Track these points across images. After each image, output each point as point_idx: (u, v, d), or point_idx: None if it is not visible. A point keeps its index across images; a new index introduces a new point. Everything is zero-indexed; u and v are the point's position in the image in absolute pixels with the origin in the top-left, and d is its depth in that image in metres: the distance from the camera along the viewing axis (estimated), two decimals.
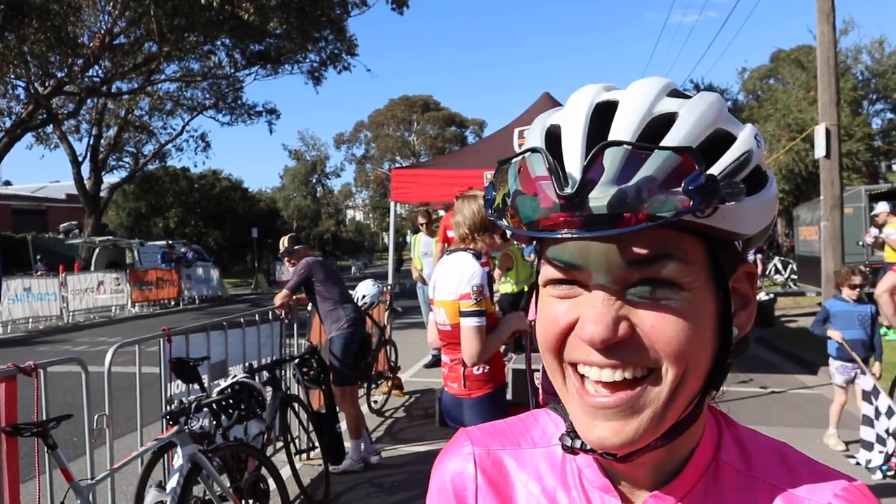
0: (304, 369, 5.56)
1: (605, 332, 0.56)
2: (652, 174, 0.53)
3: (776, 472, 0.66)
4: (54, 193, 41.39)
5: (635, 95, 0.59)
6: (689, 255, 0.58)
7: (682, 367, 0.58)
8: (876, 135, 25.28)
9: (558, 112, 0.62)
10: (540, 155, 0.58)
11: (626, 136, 0.56)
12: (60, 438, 3.26)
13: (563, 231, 0.56)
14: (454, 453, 0.76)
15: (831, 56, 10.54)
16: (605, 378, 0.58)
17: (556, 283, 0.61)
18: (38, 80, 19.95)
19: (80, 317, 18.28)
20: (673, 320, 0.57)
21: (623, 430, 0.58)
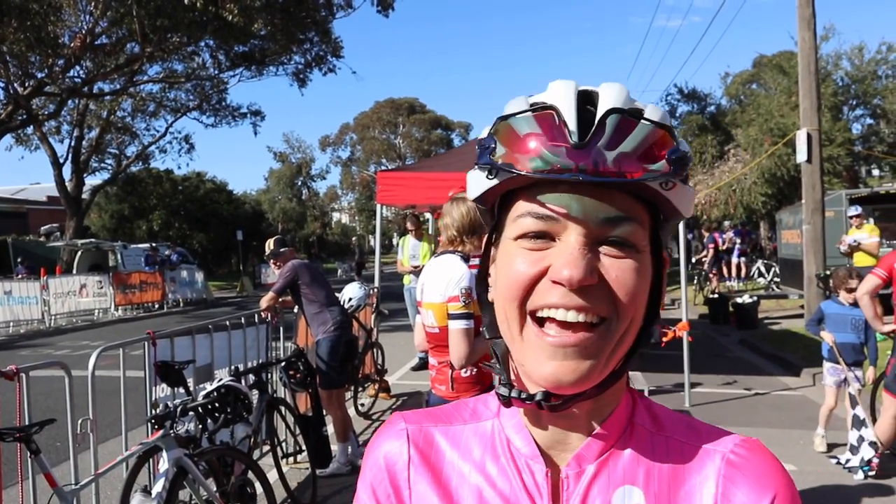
0: (291, 372, 5.53)
1: (581, 272, 0.64)
2: (640, 141, 0.64)
3: (684, 431, 0.75)
4: (35, 195, 40.89)
5: (613, 88, 0.68)
6: (644, 223, 0.68)
7: (629, 319, 0.67)
8: (856, 140, 25.54)
9: (538, 94, 0.70)
10: (535, 119, 0.66)
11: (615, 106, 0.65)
12: (44, 443, 3.22)
13: (569, 175, 0.63)
14: (388, 431, 0.81)
15: (812, 62, 10.67)
16: (571, 318, 0.65)
17: (531, 237, 0.68)
18: (18, 80, 19.72)
19: (63, 320, 18.07)
20: (632, 274, 0.66)
21: (578, 368, 0.65)
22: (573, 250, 0.65)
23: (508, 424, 0.76)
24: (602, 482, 0.71)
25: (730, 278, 20.41)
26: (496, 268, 0.73)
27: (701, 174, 24.57)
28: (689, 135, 28.05)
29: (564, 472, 0.72)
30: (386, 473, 0.78)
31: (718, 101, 30.10)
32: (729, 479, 0.70)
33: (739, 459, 0.71)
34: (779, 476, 0.70)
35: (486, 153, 0.69)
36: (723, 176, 22.61)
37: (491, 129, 0.70)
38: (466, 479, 0.75)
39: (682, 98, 28.99)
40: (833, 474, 5.23)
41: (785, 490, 0.70)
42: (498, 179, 0.68)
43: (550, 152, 0.64)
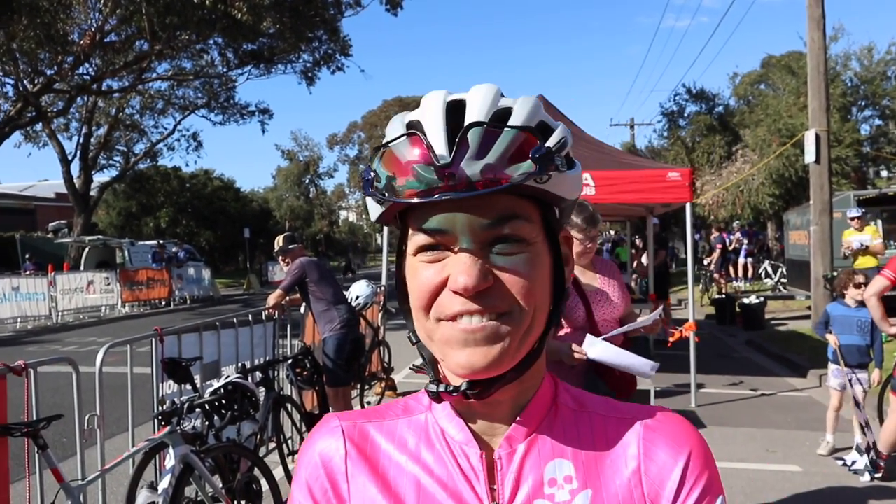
0: (298, 370, 5.56)
1: (475, 280, 0.68)
2: (505, 148, 0.68)
3: (604, 407, 0.81)
4: (43, 192, 41.09)
5: (479, 93, 0.72)
6: (531, 215, 0.72)
7: (532, 307, 0.71)
8: (864, 141, 25.37)
9: (412, 112, 0.74)
10: (409, 141, 0.70)
11: (477, 119, 0.69)
12: (51, 439, 3.24)
13: (440, 195, 0.67)
14: (322, 429, 0.83)
15: (821, 62, 10.62)
16: (475, 322, 0.69)
17: (425, 249, 0.72)
18: (28, 77, 19.81)
19: (70, 317, 18.16)
20: (524, 269, 0.71)
21: (490, 353, 0.69)
22: (465, 259, 0.69)
23: (441, 415, 0.79)
24: (533, 459, 0.76)
25: (737, 279, 20.34)
26: (408, 278, 0.77)
27: (709, 174, 24.49)
28: (697, 135, 27.94)
29: (497, 454, 0.77)
30: (322, 470, 0.79)
31: (727, 102, 29.91)
32: (649, 440, 0.77)
33: (655, 423, 0.79)
34: (692, 435, 0.78)
35: (367, 185, 0.74)
36: (730, 176, 22.53)
37: (371, 160, 0.75)
38: (404, 468, 0.78)
39: (690, 98, 28.85)
40: (839, 476, 5.21)
41: (699, 447, 0.77)
42: (385, 206, 0.74)
43: (424, 173, 0.68)
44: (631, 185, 7.13)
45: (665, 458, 0.76)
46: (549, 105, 8.41)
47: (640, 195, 7.34)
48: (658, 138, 32.96)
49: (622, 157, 8.85)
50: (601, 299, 3.41)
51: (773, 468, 5.39)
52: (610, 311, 3.44)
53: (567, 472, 0.75)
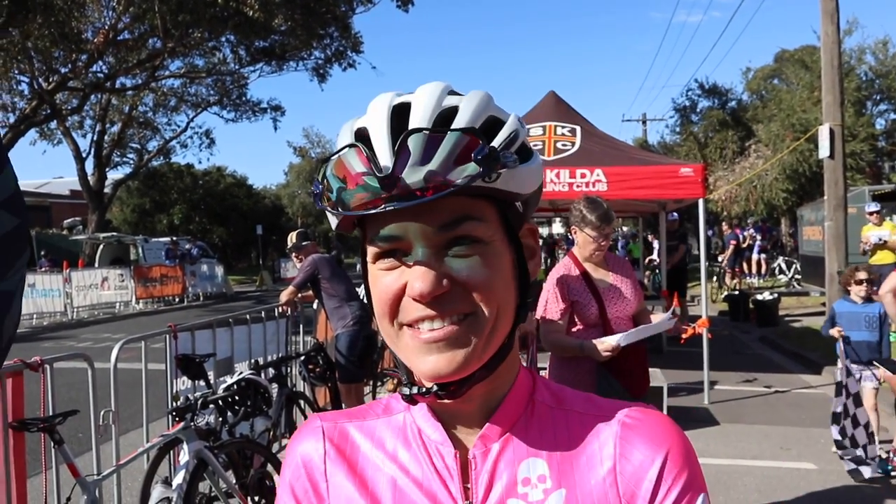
0: (310, 366, 5.58)
1: (430, 285, 0.67)
2: (448, 152, 0.66)
3: (582, 404, 0.80)
4: (58, 189, 41.40)
5: (424, 94, 0.71)
6: (485, 215, 0.71)
7: (494, 306, 0.70)
8: (880, 135, 25.12)
9: (362, 117, 0.74)
10: (355, 151, 0.69)
11: (423, 125, 0.68)
12: (67, 434, 3.27)
13: (385, 206, 0.67)
14: (305, 430, 0.84)
15: (835, 56, 10.51)
16: (436, 326, 0.69)
17: (382, 256, 0.71)
18: (42, 75, 19.96)
19: (84, 313, 18.31)
20: (481, 269, 0.70)
21: (454, 359, 0.69)
22: (420, 266, 0.68)
23: (418, 415, 0.79)
24: (507, 457, 0.76)
25: (750, 275, 20.21)
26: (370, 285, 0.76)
27: (721, 170, 24.33)
28: (709, 130, 27.77)
29: (472, 453, 0.76)
30: (303, 469, 0.81)
31: (739, 97, 29.74)
32: (625, 439, 0.75)
33: (633, 422, 0.77)
34: (672, 433, 0.76)
35: (317, 199, 0.73)
36: (744, 172, 22.37)
37: (318, 172, 0.73)
38: (381, 468, 0.78)
39: (702, 93, 28.70)
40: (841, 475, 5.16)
41: (678, 445, 0.75)
42: (338, 218, 0.73)
43: (370, 182, 0.67)
44: (643, 181, 7.10)
45: (641, 456, 0.74)
46: (560, 101, 8.36)
47: (652, 191, 7.30)
48: (670, 134, 32.87)
49: (634, 153, 8.81)
50: (614, 296, 3.40)
51: (788, 466, 5.36)
52: (622, 308, 3.43)
53: (541, 471, 0.75)
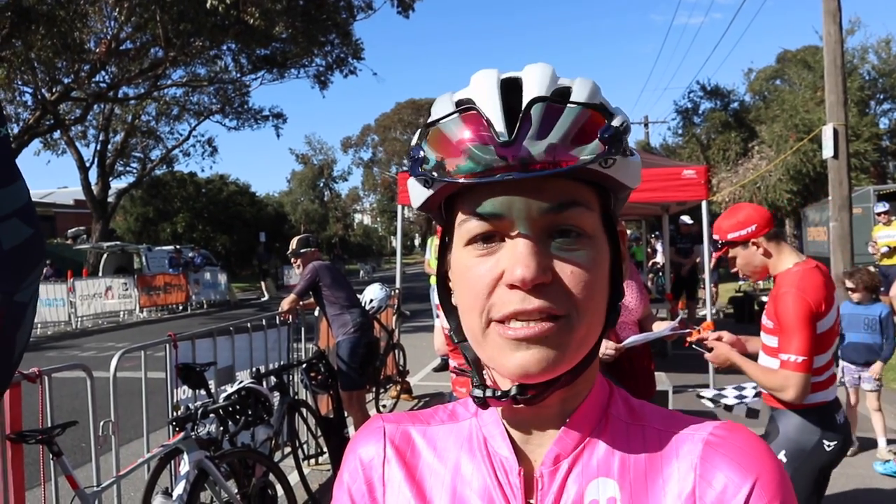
0: (312, 374, 5.55)
1: (533, 272, 0.62)
2: (569, 126, 0.63)
3: (661, 420, 0.74)
4: (62, 199, 41.53)
5: (536, 69, 0.67)
6: (591, 203, 0.67)
7: (591, 309, 0.66)
8: (884, 135, 25.05)
9: (461, 91, 0.69)
10: (460, 118, 0.65)
11: (538, 95, 0.64)
12: (68, 445, 3.25)
13: (502, 175, 0.62)
14: (366, 430, 0.82)
15: (838, 56, 10.47)
16: (530, 326, 0.64)
17: (478, 240, 0.66)
18: (46, 86, 20.03)
19: (89, 322, 18.32)
20: (587, 267, 0.65)
21: (545, 358, 0.64)
22: (522, 249, 0.64)
23: (486, 423, 0.76)
24: (576, 476, 0.71)
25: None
26: (453, 274, 0.72)
27: (725, 172, 24.29)
28: (712, 132, 27.71)
29: (539, 471, 0.71)
30: (361, 471, 0.78)
31: (742, 98, 29.68)
32: (707, 460, 0.68)
33: (718, 440, 0.69)
34: (763, 456, 0.67)
35: (416, 165, 0.68)
36: (747, 173, 22.32)
37: (419, 139, 0.69)
38: (441, 477, 0.75)
39: (704, 95, 28.64)
40: (863, 477, 5.12)
41: (770, 470, 0.66)
42: (434, 189, 0.68)
43: (481, 153, 0.63)
44: (646, 183, 7.06)
45: (725, 480, 0.66)
46: None
47: (655, 193, 7.27)
48: (673, 136, 32.76)
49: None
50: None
51: None
52: (628, 312, 3.39)
53: (611, 493, 0.69)
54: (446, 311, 0.77)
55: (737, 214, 2.89)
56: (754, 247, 2.81)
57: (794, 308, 2.61)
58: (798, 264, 2.78)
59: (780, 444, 2.73)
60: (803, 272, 2.73)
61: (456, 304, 0.74)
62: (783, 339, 2.63)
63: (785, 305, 2.64)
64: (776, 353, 2.67)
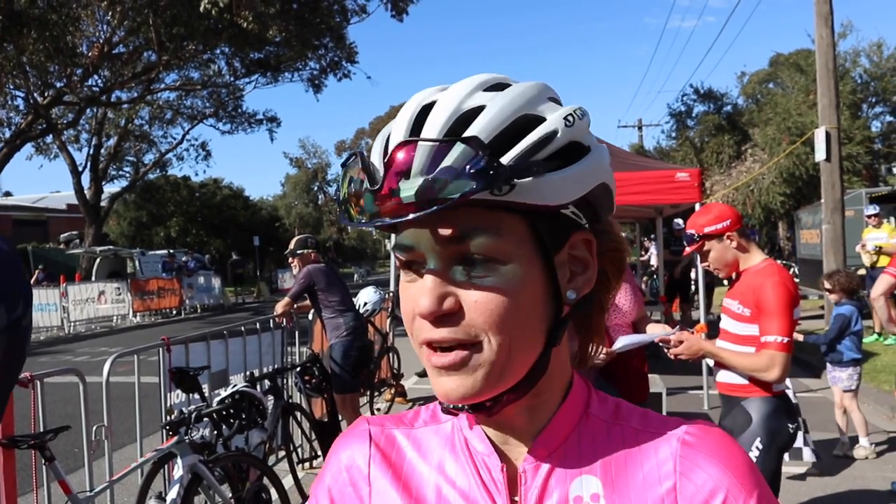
0: (306, 377, 5.54)
1: (431, 305, 0.64)
2: (451, 163, 0.61)
3: (639, 419, 0.75)
4: (55, 204, 41.39)
5: (450, 94, 0.67)
6: (503, 228, 0.65)
7: (506, 336, 0.65)
8: (876, 138, 25.20)
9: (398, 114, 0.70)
10: (355, 161, 0.67)
11: (434, 132, 0.64)
12: (61, 450, 3.24)
13: (377, 220, 0.64)
14: (351, 431, 0.83)
15: (830, 59, 10.53)
16: (442, 353, 0.66)
17: (405, 267, 0.68)
18: (38, 90, 19.97)
19: (82, 327, 18.25)
20: (493, 296, 0.64)
21: (463, 385, 0.65)
22: (426, 282, 0.65)
23: (465, 425, 0.77)
24: (559, 473, 0.72)
25: None
26: None
27: (718, 174, 24.37)
28: (705, 135, 27.82)
29: (522, 467, 0.73)
30: (346, 472, 0.79)
31: (735, 101, 29.77)
32: (687, 458, 0.71)
33: (695, 440, 0.72)
34: (737, 453, 0.72)
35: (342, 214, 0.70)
36: (740, 176, 22.40)
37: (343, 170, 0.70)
38: (426, 477, 0.76)
39: (698, 98, 28.73)
40: (855, 478, 5.14)
41: (743, 466, 0.71)
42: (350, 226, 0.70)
43: (367, 200, 0.65)
44: (639, 186, 7.09)
45: (705, 476, 0.69)
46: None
47: (648, 196, 7.29)
48: (666, 139, 32.85)
49: (630, 159, 8.80)
50: (612, 305, 3.35)
51: (788, 470, 5.32)
52: (622, 315, 3.39)
53: (594, 489, 0.71)
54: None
55: (711, 211, 3.10)
56: (728, 241, 3.00)
57: (778, 294, 2.81)
58: (766, 260, 3.01)
59: (755, 432, 2.88)
60: (776, 265, 2.98)
61: None
62: (767, 323, 2.81)
63: (768, 292, 2.82)
64: (753, 340, 2.85)
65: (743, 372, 2.91)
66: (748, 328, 2.90)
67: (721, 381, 3.09)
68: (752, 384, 2.93)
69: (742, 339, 2.92)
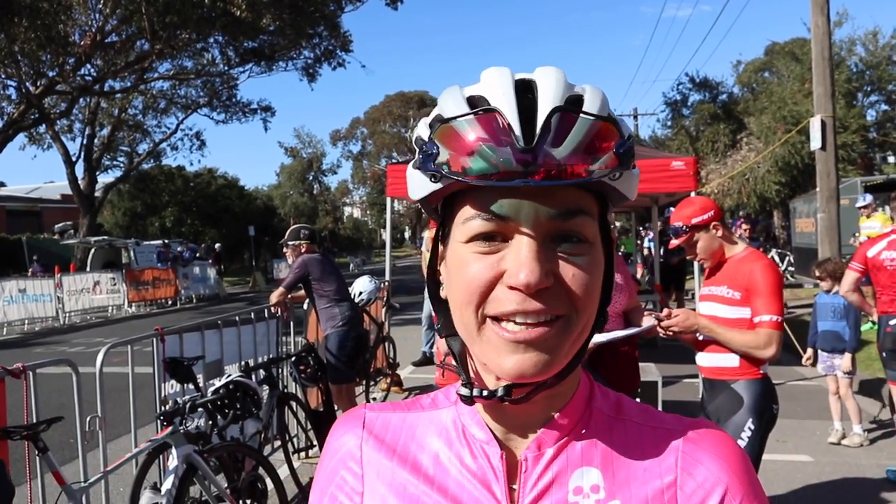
0: (301, 367, 5.53)
1: (537, 277, 0.63)
2: (583, 137, 0.63)
3: (640, 415, 0.77)
4: (48, 194, 41.23)
5: (551, 74, 0.67)
6: (593, 212, 0.69)
7: (587, 312, 0.68)
8: (871, 126, 25.22)
9: (471, 87, 0.69)
10: (477, 118, 0.64)
11: (554, 104, 0.64)
12: (56, 441, 3.23)
13: (521, 180, 0.62)
14: (347, 418, 0.82)
15: (826, 48, 10.51)
16: (531, 321, 0.65)
17: (482, 238, 0.67)
18: (30, 79, 19.83)
19: (77, 318, 18.20)
20: (587, 272, 0.67)
21: (540, 361, 0.65)
22: (527, 253, 0.64)
23: (465, 412, 0.77)
24: (560, 464, 0.73)
25: None
26: (447, 268, 0.72)
27: (713, 163, 24.38)
28: (701, 123, 27.82)
29: (523, 455, 0.73)
30: (340, 458, 0.79)
31: (730, 90, 29.81)
32: (688, 454, 0.73)
33: (697, 436, 0.74)
34: (735, 450, 0.74)
35: (429, 160, 0.67)
36: (735, 165, 22.41)
37: (432, 133, 0.67)
38: (421, 463, 0.76)
39: (693, 87, 28.73)
40: (850, 465, 5.16)
41: (742, 465, 0.73)
42: (442, 184, 0.67)
43: (498, 156, 0.63)
44: None
45: (706, 473, 0.71)
46: None
47: (644, 185, 7.27)
48: (662, 128, 32.89)
49: None
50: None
51: (784, 458, 5.34)
52: (612, 305, 3.36)
53: (594, 480, 0.72)
54: (436, 305, 0.77)
55: (694, 203, 3.21)
56: (715, 230, 3.11)
57: (769, 275, 2.95)
58: (747, 248, 3.14)
59: (746, 414, 2.98)
60: (759, 252, 3.12)
61: (445, 297, 0.74)
62: (760, 303, 2.92)
63: (758, 275, 2.95)
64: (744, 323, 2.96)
65: (738, 349, 2.97)
66: (739, 311, 2.99)
67: (706, 366, 3.17)
68: (741, 367, 3.01)
69: (732, 322, 3.01)
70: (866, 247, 5.09)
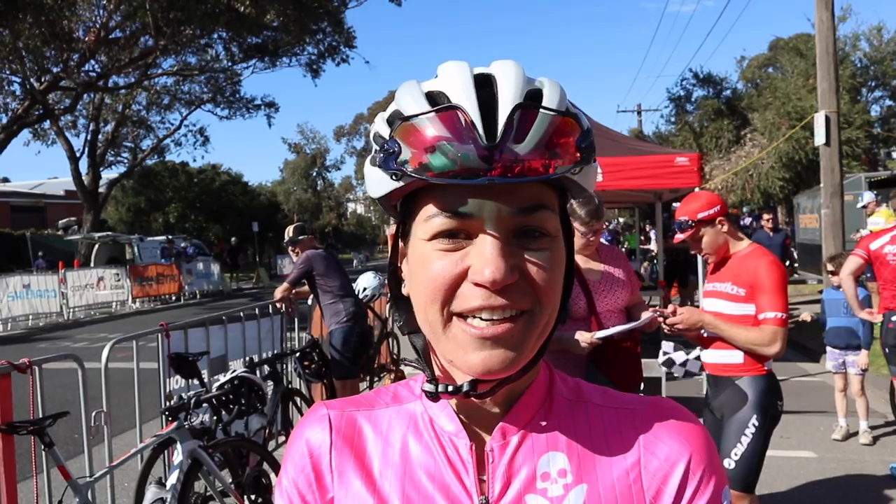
0: (306, 363, 5.55)
1: (502, 273, 0.63)
2: (543, 133, 0.63)
3: (600, 397, 0.78)
4: (53, 190, 41.29)
5: (510, 69, 0.67)
6: (554, 206, 0.69)
7: (551, 305, 0.68)
8: (875, 122, 25.15)
9: (432, 81, 0.68)
10: (435, 116, 0.63)
11: (516, 101, 0.64)
12: (61, 436, 3.25)
13: (485, 179, 0.62)
14: (310, 418, 0.81)
15: (830, 43, 10.48)
16: (496, 317, 0.65)
17: (445, 236, 0.66)
18: (34, 75, 19.87)
19: (81, 313, 18.25)
20: (550, 266, 0.67)
21: (506, 357, 0.66)
22: (492, 250, 0.64)
23: (431, 405, 0.76)
24: (526, 451, 0.73)
25: None
26: (409, 266, 0.72)
27: (717, 159, 24.32)
28: (704, 120, 27.74)
29: (489, 445, 0.73)
30: (308, 460, 0.77)
31: (734, 86, 29.67)
32: (650, 433, 0.74)
33: (656, 415, 0.76)
34: (695, 427, 0.75)
35: (390, 158, 0.65)
36: (739, 161, 22.36)
37: (392, 131, 0.66)
38: (390, 459, 0.75)
39: (697, 83, 28.63)
40: (854, 462, 5.16)
41: (702, 438, 0.74)
42: (404, 182, 0.66)
43: (461, 153, 0.62)
44: (638, 170, 7.06)
45: (667, 450, 0.73)
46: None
47: (647, 181, 7.26)
48: (665, 124, 32.78)
49: (629, 143, 8.76)
50: (604, 289, 3.33)
51: (788, 454, 5.34)
52: (613, 300, 3.35)
53: (561, 465, 0.73)
54: (395, 300, 0.77)
55: (699, 198, 3.19)
56: (720, 225, 3.10)
57: (774, 272, 2.94)
58: (751, 244, 3.12)
59: (751, 410, 2.97)
60: (763, 248, 3.10)
61: (407, 294, 0.74)
62: (765, 300, 2.91)
63: (763, 272, 2.94)
64: (748, 319, 2.95)
65: (743, 345, 2.96)
66: (743, 307, 2.99)
67: (712, 363, 3.16)
68: (746, 363, 3.00)
69: (737, 318, 3.00)
70: (869, 239, 5.08)
